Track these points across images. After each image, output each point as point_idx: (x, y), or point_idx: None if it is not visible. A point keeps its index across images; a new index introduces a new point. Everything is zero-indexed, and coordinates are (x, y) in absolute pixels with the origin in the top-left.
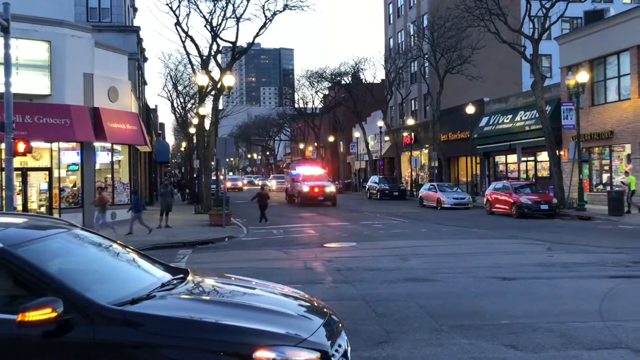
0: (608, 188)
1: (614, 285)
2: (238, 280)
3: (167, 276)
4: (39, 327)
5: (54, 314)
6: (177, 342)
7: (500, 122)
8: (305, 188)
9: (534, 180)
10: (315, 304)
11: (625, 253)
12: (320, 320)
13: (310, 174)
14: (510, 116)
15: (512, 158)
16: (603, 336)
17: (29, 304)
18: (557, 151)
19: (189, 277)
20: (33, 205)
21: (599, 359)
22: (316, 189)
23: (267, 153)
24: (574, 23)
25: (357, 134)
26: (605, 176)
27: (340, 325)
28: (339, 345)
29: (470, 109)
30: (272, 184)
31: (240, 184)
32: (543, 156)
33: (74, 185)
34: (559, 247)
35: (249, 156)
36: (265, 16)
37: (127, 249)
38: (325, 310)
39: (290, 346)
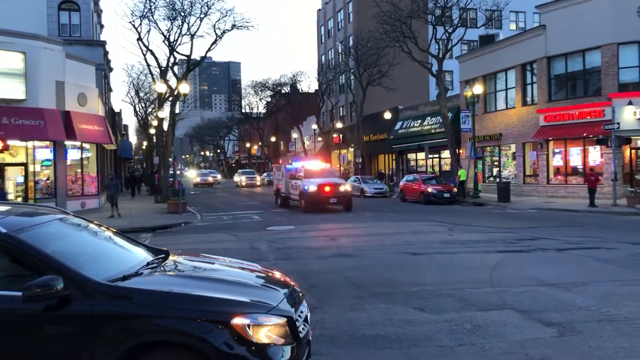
0: (497, 180)
1: (502, 258)
2: (212, 258)
3: (150, 256)
4: (42, 302)
5: (55, 290)
6: (165, 312)
7: (411, 126)
8: (312, 187)
9: (438, 174)
10: (280, 277)
11: (511, 232)
12: (285, 290)
13: (314, 168)
14: (419, 121)
15: (421, 155)
16: (493, 299)
17: (33, 282)
18: (457, 150)
19: (170, 257)
20: (10, 196)
21: (489, 317)
22: (327, 188)
23: (218, 151)
24: (471, 45)
25: (295, 135)
26: (495, 170)
27: (301, 294)
28: (301, 312)
29: (387, 115)
30: (240, 179)
31: (210, 179)
32: (446, 154)
33: (48, 179)
34: (458, 227)
35: (202, 153)
36: (216, 34)
37: (114, 233)
38: (288, 282)
39: (262, 313)
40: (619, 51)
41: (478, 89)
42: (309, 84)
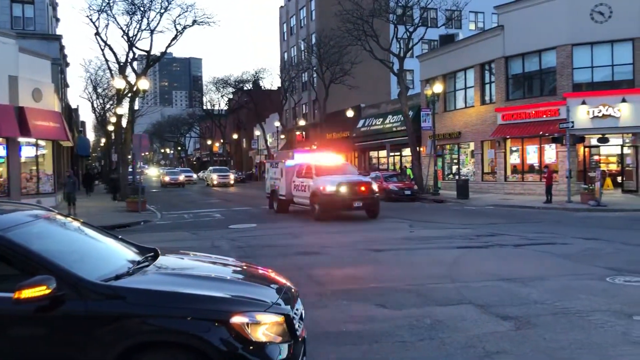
0: (457, 177)
1: (461, 254)
2: (204, 256)
3: (140, 255)
4: (34, 303)
5: (48, 291)
6: (162, 311)
7: (373, 124)
8: (330, 187)
9: (399, 171)
10: (273, 275)
11: (470, 228)
12: (280, 288)
13: (328, 164)
14: (381, 119)
15: (383, 153)
16: (452, 294)
17: (25, 282)
18: (417, 147)
19: (160, 255)
20: None
21: (449, 312)
22: (351, 188)
23: (179, 148)
24: (431, 44)
25: (257, 132)
26: (454, 168)
27: (295, 292)
28: (297, 309)
29: (350, 113)
30: (211, 177)
31: (182, 178)
32: (407, 152)
33: (0, 176)
34: (419, 224)
35: (162, 151)
36: (177, 29)
37: (102, 231)
38: (281, 279)
39: (260, 311)
40: (573, 52)
41: (438, 87)
42: (272, 81)
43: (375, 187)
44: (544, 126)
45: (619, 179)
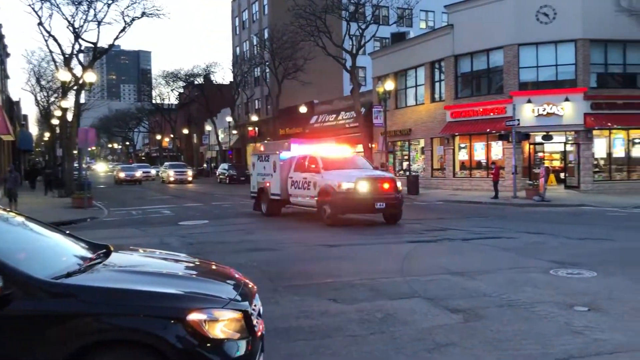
0: (407, 173)
1: (412, 248)
2: (157, 252)
3: (92, 251)
4: None
5: None
6: (115, 309)
7: (326, 120)
8: (346, 184)
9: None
10: (231, 271)
11: (420, 223)
12: (237, 284)
13: (336, 157)
14: (334, 115)
15: None
16: (403, 288)
17: None
18: (370, 144)
19: (113, 251)
20: None
21: (400, 306)
22: (373, 186)
23: (127, 143)
24: (383, 42)
25: (209, 127)
26: (405, 164)
27: (253, 288)
28: (255, 305)
29: (303, 109)
30: (167, 174)
31: (138, 174)
32: (359, 148)
33: None
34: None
35: (110, 146)
36: (125, 21)
37: (51, 227)
38: (238, 275)
39: (218, 308)
40: (519, 52)
41: (390, 85)
42: (224, 75)
43: (399, 184)
44: (491, 124)
45: (562, 175)
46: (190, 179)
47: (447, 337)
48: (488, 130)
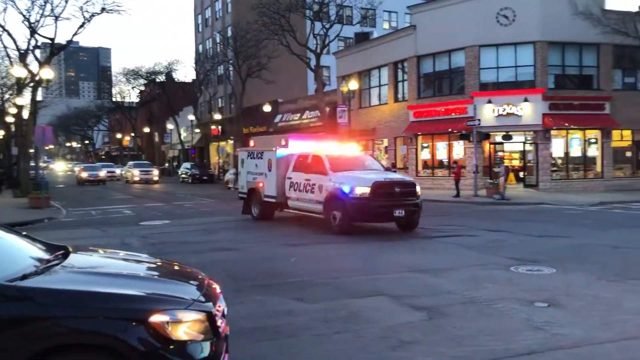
0: None
1: (375, 247)
2: (115, 253)
3: (49, 252)
4: None
5: None
6: (75, 312)
7: (291, 119)
8: (361, 189)
9: None
10: (193, 271)
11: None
12: (201, 285)
13: (343, 155)
14: (298, 114)
15: None
16: (367, 287)
17: None
18: None
19: (72, 252)
20: None
21: (364, 304)
22: (391, 190)
23: (87, 142)
24: (347, 42)
25: (171, 125)
26: None
27: (217, 288)
28: (219, 306)
29: (267, 108)
30: (132, 173)
31: (102, 174)
32: None
33: None
34: None
35: (69, 145)
36: (84, 17)
37: (3, 228)
38: (201, 276)
39: (181, 309)
40: (480, 53)
41: (354, 84)
42: (186, 73)
43: (419, 189)
44: (453, 123)
45: (521, 174)
46: (156, 178)
47: (411, 335)
48: (450, 130)
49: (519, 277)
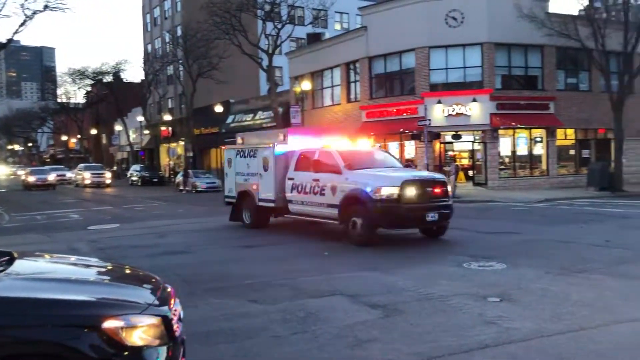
0: None
1: (330, 247)
2: (64, 258)
3: None
4: None
5: None
6: (22, 321)
7: (243, 119)
8: (388, 189)
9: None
10: (147, 275)
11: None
12: (155, 288)
13: (354, 151)
14: (251, 115)
15: None
16: (324, 286)
17: None
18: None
19: (17, 258)
20: None
21: (321, 304)
22: (423, 191)
23: (30, 144)
24: (299, 42)
25: (119, 127)
26: None
27: (171, 291)
28: (175, 309)
29: (219, 108)
30: (83, 176)
31: (51, 178)
32: None
33: None
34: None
35: (10, 147)
36: (25, 15)
37: None
38: (155, 279)
39: (135, 314)
40: (430, 54)
41: (306, 85)
42: (134, 73)
43: (450, 188)
44: (405, 123)
45: (471, 172)
46: (108, 181)
47: (368, 333)
48: (401, 130)
49: (472, 273)
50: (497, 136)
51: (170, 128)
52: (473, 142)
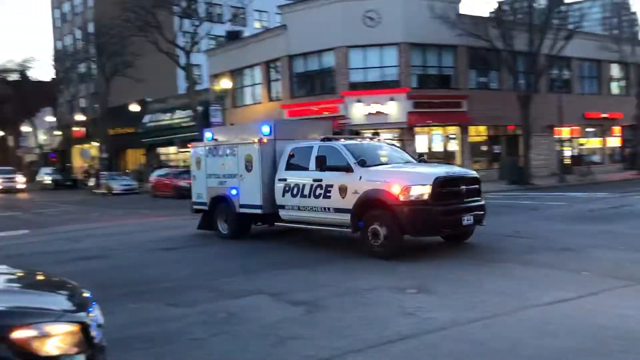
0: None
1: (249, 247)
2: None
3: None
4: None
5: None
6: None
7: (161, 119)
8: (419, 188)
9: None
10: (60, 280)
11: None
12: (72, 294)
13: (361, 145)
14: (169, 114)
15: (173, 149)
16: (245, 286)
17: None
18: None
19: None
20: None
21: (243, 304)
22: (463, 190)
23: None
24: (218, 40)
25: (27, 128)
26: None
27: (89, 297)
28: (94, 315)
29: (135, 108)
30: None
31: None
32: None
33: None
34: None
35: None
36: None
37: None
38: (72, 284)
39: (49, 322)
40: (349, 54)
41: (227, 83)
42: (44, 71)
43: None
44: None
45: None
46: (21, 186)
47: (291, 330)
48: None
49: (392, 266)
50: (414, 134)
51: (83, 128)
52: (392, 139)
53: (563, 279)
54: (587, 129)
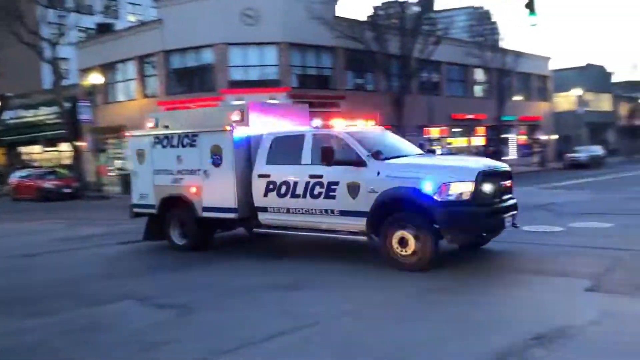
0: (121, 172)
1: (123, 249)
2: None
3: None
4: None
5: None
6: None
7: (23, 115)
8: (459, 185)
9: (60, 168)
10: None
11: (132, 223)
12: None
13: (368, 134)
14: (33, 111)
15: (38, 148)
16: (113, 292)
17: None
18: (77, 142)
19: None
20: None
21: (109, 310)
22: (502, 186)
23: None
24: (89, 33)
25: None
26: (118, 162)
27: None
28: None
29: None
30: None
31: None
32: (66, 146)
33: None
34: (80, 222)
35: None
36: None
37: None
38: None
39: None
40: (228, 51)
41: (97, 78)
42: None
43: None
44: None
45: None
46: None
47: (160, 335)
48: None
49: (269, 265)
50: None
51: None
52: None
53: None
54: (454, 129)
